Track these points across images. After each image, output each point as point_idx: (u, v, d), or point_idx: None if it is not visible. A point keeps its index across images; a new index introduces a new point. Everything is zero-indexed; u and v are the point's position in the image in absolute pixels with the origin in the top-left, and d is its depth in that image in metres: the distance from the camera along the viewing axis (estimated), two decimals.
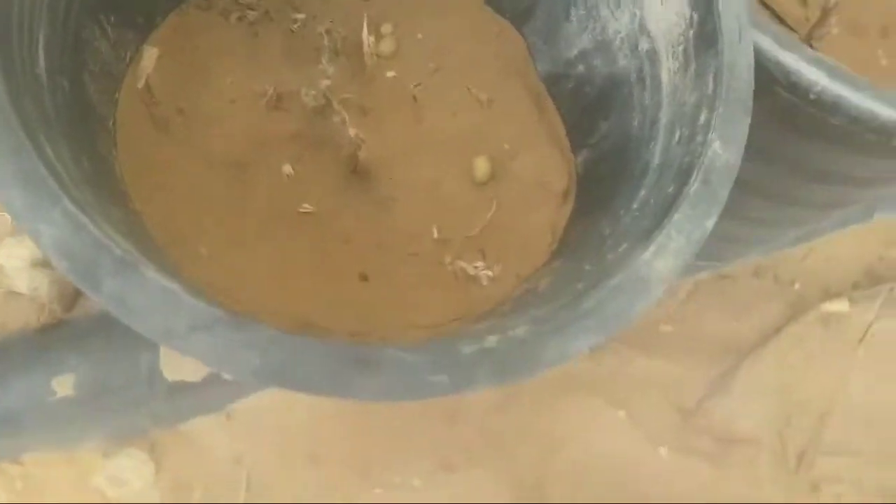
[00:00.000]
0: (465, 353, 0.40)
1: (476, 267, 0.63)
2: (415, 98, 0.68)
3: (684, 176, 0.49)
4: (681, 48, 0.58)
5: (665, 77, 0.59)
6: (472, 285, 0.63)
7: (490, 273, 0.63)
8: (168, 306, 0.39)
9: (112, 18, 0.59)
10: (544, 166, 0.68)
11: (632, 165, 0.59)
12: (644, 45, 0.61)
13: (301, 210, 0.63)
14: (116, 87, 0.61)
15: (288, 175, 0.63)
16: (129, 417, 0.80)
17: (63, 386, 0.74)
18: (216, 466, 0.90)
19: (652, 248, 0.44)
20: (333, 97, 0.63)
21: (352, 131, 0.59)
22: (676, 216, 0.46)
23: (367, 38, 0.69)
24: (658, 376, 0.89)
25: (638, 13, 0.61)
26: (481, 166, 0.66)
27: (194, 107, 0.63)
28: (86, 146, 0.52)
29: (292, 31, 0.69)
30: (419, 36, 0.71)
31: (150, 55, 0.64)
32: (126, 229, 0.50)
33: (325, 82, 0.62)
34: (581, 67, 0.69)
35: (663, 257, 0.44)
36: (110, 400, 0.73)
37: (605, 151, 0.65)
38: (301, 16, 0.70)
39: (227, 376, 0.40)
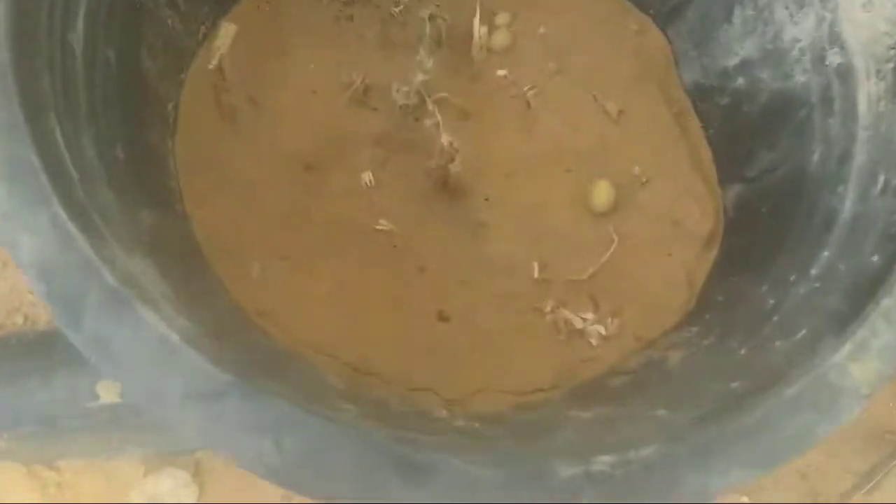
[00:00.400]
0: (562, 476, 0.27)
1: (584, 319, 0.50)
2: (528, 104, 0.56)
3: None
4: (890, 66, 0.43)
5: (863, 102, 0.44)
6: (578, 342, 0.50)
7: (602, 329, 0.50)
8: (161, 361, 0.29)
9: None
10: (683, 199, 0.54)
11: (808, 213, 0.45)
12: (834, 59, 0.47)
13: (377, 227, 0.52)
14: (182, 66, 0.53)
15: (367, 183, 0.53)
16: (174, 435, 0.72)
17: (108, 392, 0.66)
18: (265, 499, 0.80)
19: (848, 347, 0.30)
20: (429, 95, 0.52)
21: (445, 138, 0.48)
22: (885, 301, 0.31)
23: (478, 28, 0.58)
24: (795, 461, 0.73)
25: (828, 17, 0.46)
26: (602, 193, 0.53)
27: (269, 95, 0.54)
28: (126, 131, 0.43)
29: (392, 16, 0.58)
30: (541, 30, 0.59)
31: (227, 32, 0.55)
32: (155, 239, 0.40)
33: (421, 77, 0.51)
34: (741, 80, 0.54)
35: (864, 360, 0.30)
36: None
37: (768, 189, 0.50)
38: None
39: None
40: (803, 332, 0.35)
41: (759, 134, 0.52)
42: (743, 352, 0.38)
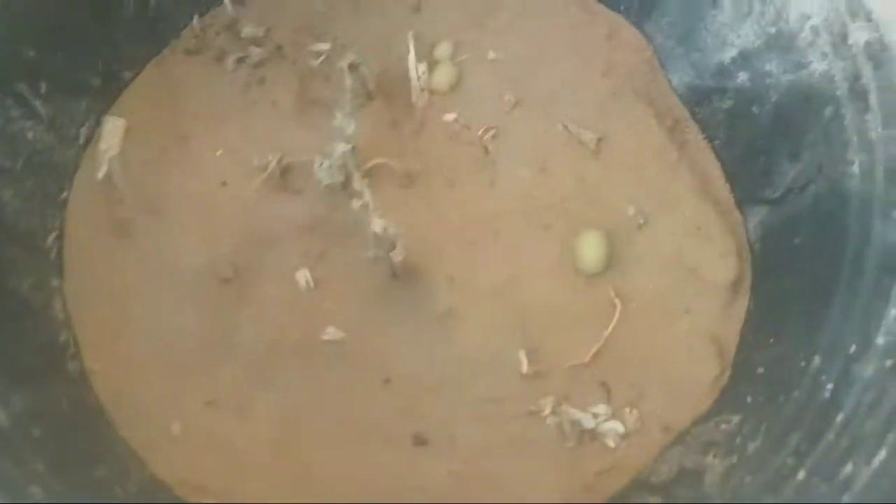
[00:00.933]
0: None
1: (596, 415, 0.40)
2: (486, 149, 0.46)
3: None
4: None
5: None
6: (591, 448, 0.40)
7: (620, 426, 0.39)
8: None
9: (43, 86, 0.41)
10: (693, 239, 0.43)
11: (858, 248, 0.33)
12: (860, 37, 0.35)
13: (324, 338, 0.42)
14: (62, 185, 0.44)
15: (304, 285, 0.43)
16: None
17: None
18: None
19: None
20: (358, 166, 0.42)
21: (377, 224, 0.38)
22: None
23: (414, 68, 0.48)
24: None
25: None
26: (591, 247, 0.42)
27: (171, 199, 0.44)
28: None
29: (311, 71, 0.49)
30: (490, 55, 0.49)
31: (114, 129, 0.46)
32: (28, 429, 0.31)
33: (343, 147, 0.41)
34: (743, 77, 0.43)
35: None
36: None
37: (799, 214, 0.39)
38: (325, 46, 0.49)
39: None
40: (882, 455, 0.24)
41: (775, 142, 0.41)
42: (801, 476, 0.27)
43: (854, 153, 0.35)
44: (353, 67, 0.46)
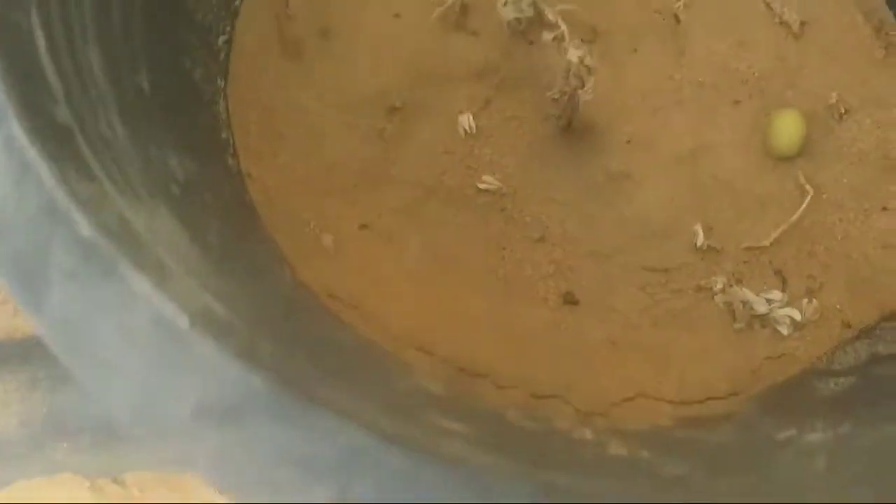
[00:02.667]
0: None
1: (769, 301, 0.37)
2: (677, 17, 0.43)
3: None
4: None
5: None
6: (761, 333, 0.37)
7: (796, 314, 0.36)
8: (158, 357, 0.18)
9: None
10: (894, 124, 0.39)
11: None
12: None
13: (480, 185, 0.40)
14: None
15: (466, 130, 0.41)
16: None
17: None
18: None
19: None
20: (547, 6, 0.39)
21: (573, 53, 0.35)
22: None
23: None
24: None
25: None
26: (788, 128, 0.39)
27: (343, 25, 0.43)
28: (158, 57, 0.33)
29: None
30: None
31: None
32: (190, 195, 0.30)
33: None
34: None
35: None
36: None
37: None
38: None
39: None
40: None
41: None
42: None
43: None
44: None
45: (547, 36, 0.37)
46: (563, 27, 0.36)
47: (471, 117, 0.41)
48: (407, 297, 0.38)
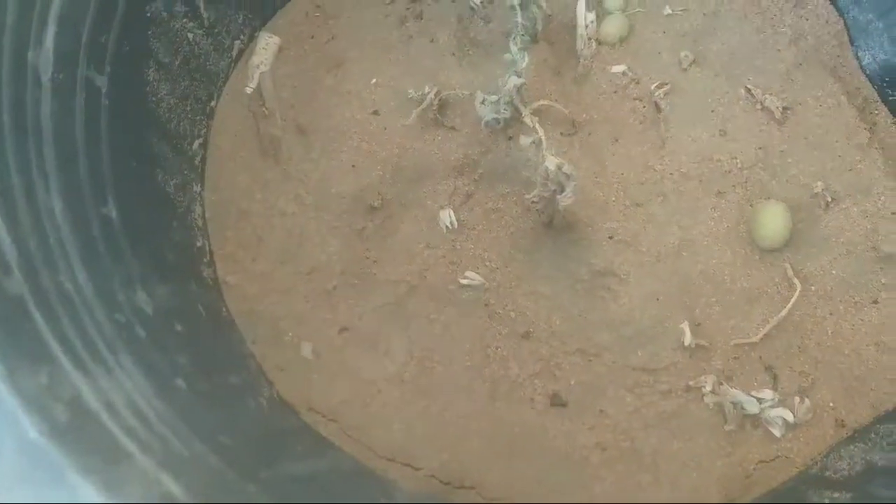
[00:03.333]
0: None
1: (761, 400, 0.36)
2: (657, 107, 0.42)
3: None
4: None
5: None
6: (753, 434, 0.36)
7: (788, 414, 0.35)
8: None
9: None
10: (887, 223, 0.39)
11: None
12: None
13: (462, 281, 0.39)
14: (211, 93, 0.42)
15: (447, 226, 0.40)
16: None
17: None
18: None
19: None
20: (525, 104, 0.39)
21: (552, 161, 0.35)
22: None
23: (583, 15, 0.44)
24: None
25: None
26: (773, 219, 0.38)
27: (320, 122, 0.42)
28: (126, 179, 0.33)
29: (472, 10, 0.46)
30: (666, 10, 0.45)
31: (268, 46, 0.44)
32: (158, 323, 0.29)
33: (515, 81, 0.38)
34: None
35: None
36: None
37: None
38: None
39: None
40: None
41: None
42: None
43: None
44: (524, 4, 0.43)
45: (525, 140, 0.36)
46: (541, 132, 0.36)
47: (452, 212, 0.41)
48: (390, 406, 0.37)
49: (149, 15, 0.36)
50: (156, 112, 0.37)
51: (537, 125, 0.36)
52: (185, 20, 0.39)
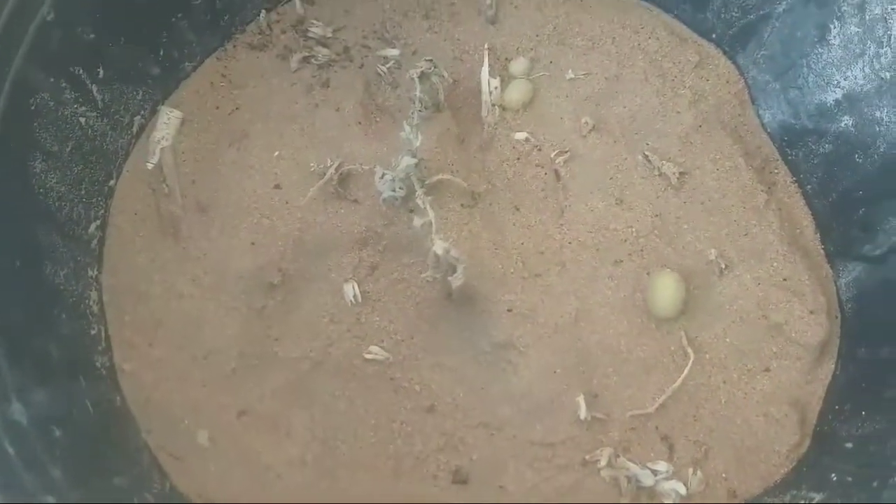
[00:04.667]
0: None
1: (655, 472, 0.36)
2: (557, 175, 0.43)
3: None
4: None
5: None
6: None
7: (681, 487, 0.36)
8: None
9: (101, 72, 0.40)
10: (779, 291, 0.39)
11: None
12: None
13: (367, 356, 0.40)
14: (110, 171, 0.42)
15: (351, 300, 0.40)
16: None
17: None
18: None
19: None
20: (422, 180, 0.39)
21: (439, 247, 0.35)
22: None
23: (486, 82, 0.45)
24: None
25: None
26: (667, 289, 0.39)
27: (221, 198, 0.42)
28: (5, 277, 0.32)
29: (378, 76, 0.46)
30: (569, 75, 0.46)
31: (169, 120, 0.44)
32: (63, 413, 0.29)
33: (408, 161, 0.39)
34: (847, 121, 0.40)
35: None
36: None
37: None
38: (394, 52, 0.47)
39: None
40: None
41: (880, 194, 0.38)
42: None
43: None
44: (423, 77, 0.43)
45: (417, 221, 0.36)
46: (431, 215, 0.36)
47: (356, 285, 0.41)
48: (291, 491, 0.37)
49: (33, 107, 0.36)
50: (44, 203, 0.36)
51: (428, 207, 0.37)
52: (75, 106, 0.38)
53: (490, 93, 0.45)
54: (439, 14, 0.48)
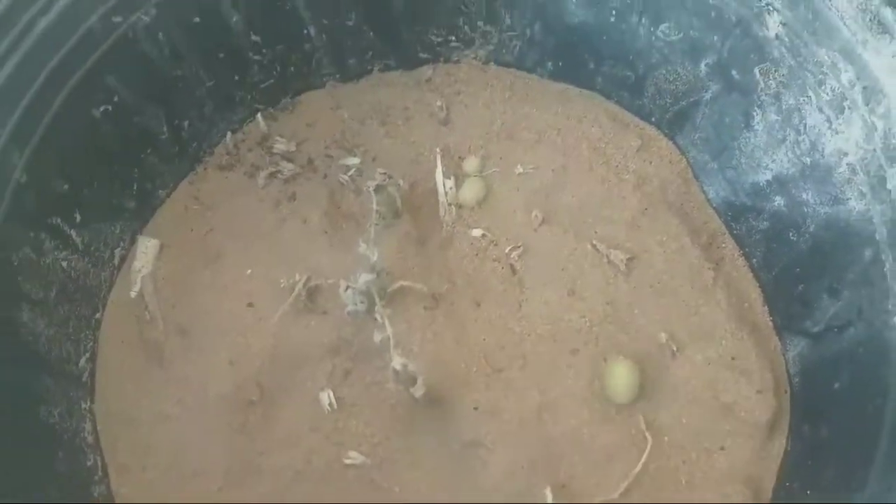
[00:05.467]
0: None
1: None
2: (513, 269, 0.45)
3: None
4: None
5: None
6: None
7: None
8: None
9: (78, 216, 0.43)
10: (729, 371, 0.41)
11: None
12: None
13: (346, 461, 0.42)
14: (95, 305, 0.45)
15: (328, 407, 0.43)
16: None
17: None
18: None
19: None
20: (381, 292, 0.42)
21: (398, 361, 0.37)
22: None
23: (442, 183, 0.48)
24: None
25: (880, 126, 0.34)
26: (622, 376, 0.41)
27: (199, 320, 0.45)
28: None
29: (341, 185, 0.49)
30: (518, 170, 0.48)
31: (147, 249, 0.47)
32: None
33: (366, 277, 0.41)
34: (779, 201, 0.42)
35: None
36: None
37: (841, 354, 0.37)
38: (355, 160, 0.50)
39: None
40: None
41: (813, 273, 0.40)
42: None
43: (895, 304, 0.33)
44: (379, 189, 0.46)
45: (377, 336, 0.39)
46: (389, 331, 0.38)
47: (331, 392, 0.43)
48: None
49: (16, 263, 0.39)
50: (34, 349, 0.39)
51: (387, 322, 0.39)
52: (56, 253, 0.41)
53: (446, 193, 0.48)
54: (394, 119, 0.51)
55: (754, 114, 0.41)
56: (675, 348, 0.42)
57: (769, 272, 0.43)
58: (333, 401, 0.43)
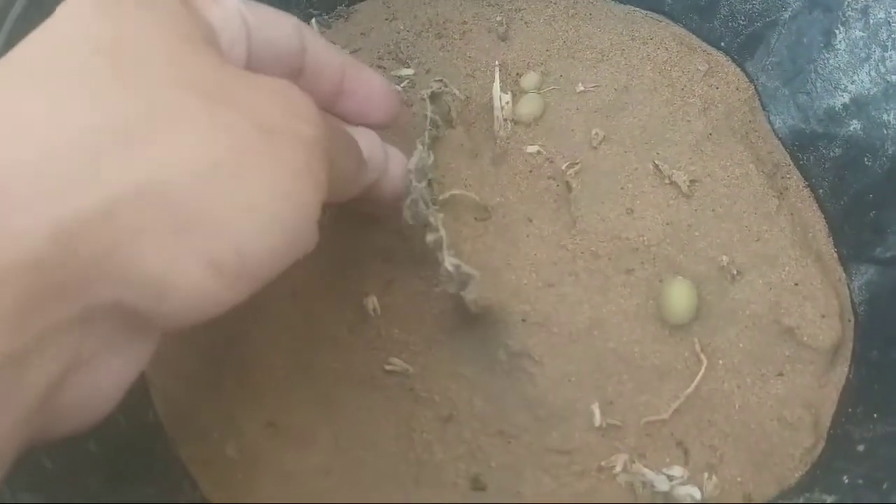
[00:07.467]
0: None
1: (671, 477, 0.37)
2: (568, 186, 0.43)
3: None
4: None
5: None
6: None
7: (696, 492, 0.36)
8: None
9: None
10: (792, 296, 0.40)
11: None
12: None
13: (387, 367, 0.41)
14: None
15: (371, 312, 0.42)
16: None
17: None
18: None
19: None
20: (434, 197, 0.40)
21: (449, 262, 0.36)
22: None
23: (498, 97, 0.46)
24: None
25: None
26: (679, 296, 0.40)
27: None
28: None
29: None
30: (579, 88, 0.47)
31: None
32: (97, 428, 0.31)
33: (417, 182, 0.40)
34: (856, 125, 0.40)
35: None
36: None
37: None
38: (409, 71, 0.48)
39: None
40: None
41: (890, 197, 0.38)
42: None
43: None
44: (434, 97, 0.44)
45: (429, 237, 0.38)
46: (442, 232, 0.37)
47: (374, 299, 0.42)
48: (315, 497, 0.38)
49: None
50: None
51: (440, 223, 0.38)
52: None
53: (502, 108, 0.46)
54: (451, 33, 0.50)
55: (836, 31, 0.39)
56: (735, 272, 0.40)
57: (837, 202, 0.41)
58: (377, 306, 0.42)
